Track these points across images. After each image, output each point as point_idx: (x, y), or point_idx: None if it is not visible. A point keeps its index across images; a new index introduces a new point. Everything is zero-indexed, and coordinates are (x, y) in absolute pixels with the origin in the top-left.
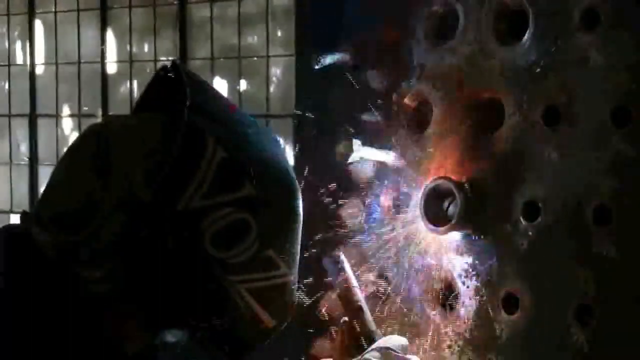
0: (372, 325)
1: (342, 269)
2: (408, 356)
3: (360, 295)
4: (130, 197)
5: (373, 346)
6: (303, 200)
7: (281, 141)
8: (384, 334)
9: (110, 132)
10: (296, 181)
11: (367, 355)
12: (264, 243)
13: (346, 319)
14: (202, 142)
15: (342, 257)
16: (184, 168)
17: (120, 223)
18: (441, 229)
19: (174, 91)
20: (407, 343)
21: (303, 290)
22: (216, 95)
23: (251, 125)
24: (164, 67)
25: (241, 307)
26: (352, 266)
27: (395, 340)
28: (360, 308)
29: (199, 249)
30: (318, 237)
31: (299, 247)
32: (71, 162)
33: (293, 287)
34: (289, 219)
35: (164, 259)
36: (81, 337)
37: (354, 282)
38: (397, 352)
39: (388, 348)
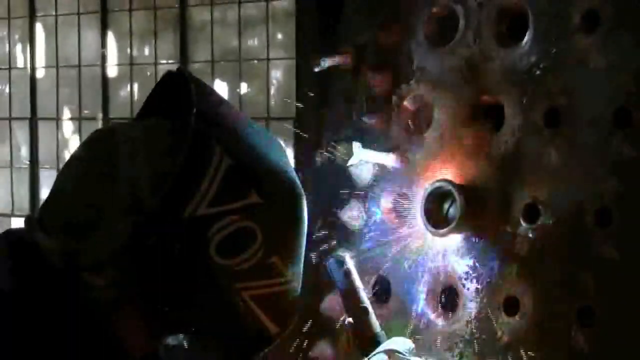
0: (377, 327)
1: (348, 271)
2: (413, 358)
3: (365, 297)
4: (135, 204)
5: (380, 348)
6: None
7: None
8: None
9: (116, 138)
10: (301, 188)
11: (374, 358)
12: (268, 250)
13: (351, 320)
14: (208, 150)
15: (348, 258)
16: (190, 176)
17: (126, 231)
18: (441, 231)
19: (179, 97)
20: (413, 345)
21: (304, 291)
22: (222, 101)
23: (257, 132)
24: (169, 72)
25: (245, 313)
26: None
27: (402, 343)
28: (366, 310)
29: (204, 257)
30: (318, 239)
31: (303, 253)
32: (76, 168)
33: (297, 294)
34: (294, 226)
35: (169, 266)
36: (85, 342)
37: (358, 283)
38: (405, 355)
39: (396, 351)
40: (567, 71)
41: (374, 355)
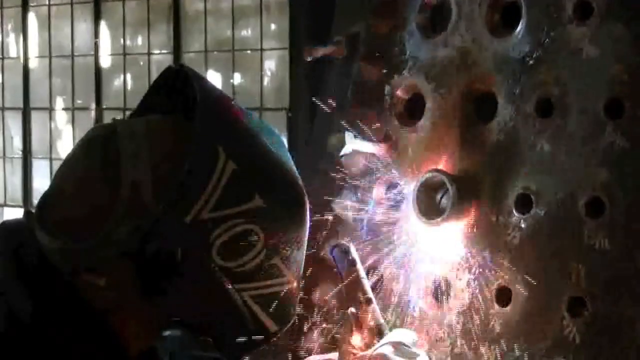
0: (380, 318)
1: (353, 260)
2: (417, 351)
3: (369, 287)
4: (138, 207)
5: (385, 340)
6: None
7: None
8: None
9: (119, 138)
10: (303, 189)
11: (380, 350)
12: (270, 252)
13: (354, 310)
14: (213, 155)
15: (352, 248)
16: (194, 181)
17: (128, 234)
18: (434, 221)
19: (180, 93)
20: (417, 338)
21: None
22: (225, 101)
23: (260, 131)
24: (171, 68)
25: (245, 313)
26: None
27: (406, 335)
28: (370, 300)
29: (205, 259)
30: (310, 229)
31: (304, 254)
32: (77, 168)
33: (297, 294)
34: (296, 228)
35: (170, 269)
36: (84, 339)
37: (362, 273)
38: (410, 348)
39: (401, 343)
40: (559, 61)
41: (380, 346)
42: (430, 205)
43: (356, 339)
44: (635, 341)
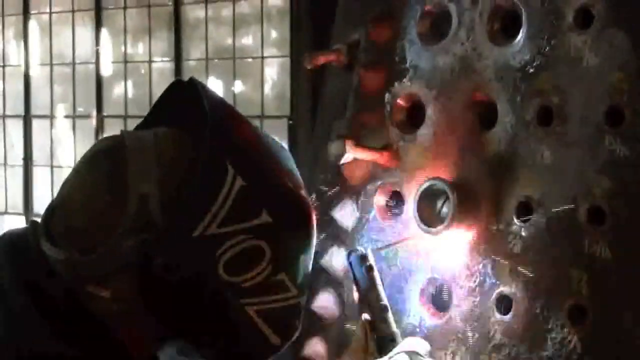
0: (394, 326)
1: (370, 267)
2: None
3: (384, 295)
4: (145, 221)
5: (399, 348)
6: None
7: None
8: None
9: (127, 151)
10: (311, 205)
11: (395, 357)
12: (276, 267)
13: (368, 317)
14: (221, 171)
15: (370, 254)
16: (202, 197)
17: (134, 248)
18: (434, 229)
19: (189, 106)
20: (429, 347)
21: None
22: (234, 115)
23: (267, 146)
24: (179, 82)
25: (249, 327)
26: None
27: (420, 344)
28: (385, 307)
29: (211, 274)
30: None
31: (310, 269)
32: (86, 180)
33: (302, 307)
34: (303, 244)
35: (176, 282)
36: (88, 350)
37: (379, 280)
38: (424, 357)
39: (415, 352)
40: (560, 69)
41: (394, 355)
42: (430, 214)
43: (369, 346)
44: (636, 350)
